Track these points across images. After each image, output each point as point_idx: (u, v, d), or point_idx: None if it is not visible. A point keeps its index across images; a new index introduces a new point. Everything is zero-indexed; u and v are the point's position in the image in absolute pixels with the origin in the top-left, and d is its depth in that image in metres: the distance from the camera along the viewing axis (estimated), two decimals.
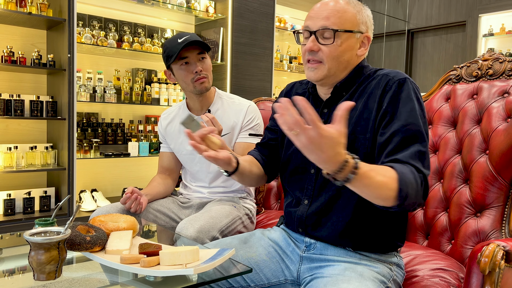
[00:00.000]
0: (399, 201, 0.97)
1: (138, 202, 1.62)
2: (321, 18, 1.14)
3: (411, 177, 0.99)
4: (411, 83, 1.12)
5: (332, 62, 1.15)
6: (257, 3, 3.89)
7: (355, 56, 1.18)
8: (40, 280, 0.97)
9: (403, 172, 0.99)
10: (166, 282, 1.01)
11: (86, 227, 1.16)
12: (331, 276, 1.09)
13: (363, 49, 1.19)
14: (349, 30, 1.14)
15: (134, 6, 3.53)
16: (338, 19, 1.13)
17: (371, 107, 1.12)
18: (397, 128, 1.06)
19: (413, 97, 1.10)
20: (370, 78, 1.18)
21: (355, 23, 1.15)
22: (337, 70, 1.17)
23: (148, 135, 3.51)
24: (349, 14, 1.15)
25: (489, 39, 5.37)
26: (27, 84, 3.14)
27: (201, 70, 1.69)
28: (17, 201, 2.94)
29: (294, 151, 1.25)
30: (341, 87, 1.19)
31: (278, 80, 4.64)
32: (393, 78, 1.12)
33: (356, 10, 1.17)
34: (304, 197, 1.23)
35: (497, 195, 1.36)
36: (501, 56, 1.48)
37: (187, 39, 1.65)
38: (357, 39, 1.17)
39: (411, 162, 1.02)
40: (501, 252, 1.03)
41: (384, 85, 1.12)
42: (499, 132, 1.37)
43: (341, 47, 1.14)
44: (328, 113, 1.20)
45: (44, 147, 3.04)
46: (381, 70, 1.19)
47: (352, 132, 1.13)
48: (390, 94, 1.10)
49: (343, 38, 1.14)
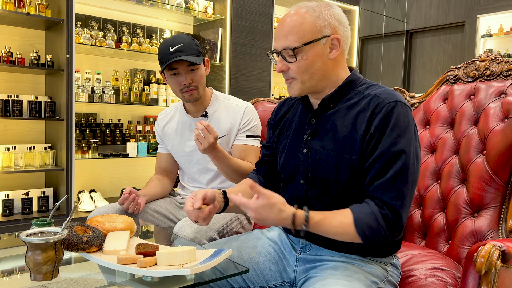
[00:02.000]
0: (365, 242, 1.05)
1: (136, 203, 1.62)
2: (282, 37, 1.13)
3: (368, 220, 1.03)
4: (402, 106, 1.08)
5: (304, 76, 1.14)
6: (256, 4, 3.89)
7: (328, 60, 1.14)
8: (37, 280, 0.97)
9: (359, 217, 1.04)
10: (163, 282, 1.02)
11: (83, 228, 1.16)
12: (322, 275, 1.10)
13: (335, 51, 1.14)
14: (309, 42, 1.11)
15: (133, 6, 3.53)
16: (296, 35, 1.11)
17: (359, 127, 1.10)
18: (379, 153, 1.06)
19: (401, 123, 1.07)
20: (361, 96, 1.14)
21: (315, 30, 1.11)
22: (312, 81, 1.15)
23: (146, 135, 3.51)
24: (306, 25, 1.11)
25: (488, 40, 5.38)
26: (26, 84, 3.14)
27: (190, 82, 1.65)
28: (15, 202, 2.94)
29: (284, 161, 1.26)
30: (329, 100, 1.17)
31: (277, 80, 4.65)
32: (383, 101, 1.09)
33: (314, 16, 1.12)
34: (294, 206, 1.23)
35: (494, 196, 1.36)
36: (498, 57, 1.48)
37: (177, 49, 1.61)
38: (324, 44, 1.12)
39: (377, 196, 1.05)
40: (497, 252, 1.04)
41: (374, 107, 1.09)
42: (496, 132, 1.37)
43: (307, 60, 1.12)
44: (316, 123, 1.19)
45: (42, 148, 3.04)
46: (373, 88, 1.15)
47: (338, 150, 1.12)
48: (379, 118, 1.07)
49: (306, 51, 1.11)
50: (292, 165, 1.22)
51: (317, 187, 1.16)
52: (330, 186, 1.14)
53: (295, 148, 1.23)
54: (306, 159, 1.18)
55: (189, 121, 1.79)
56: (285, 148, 1.26)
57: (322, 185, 1.15)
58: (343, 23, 1.16)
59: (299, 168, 1.20)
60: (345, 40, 1.16)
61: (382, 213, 1.03)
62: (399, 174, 1.04)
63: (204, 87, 1.73)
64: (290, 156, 1.24)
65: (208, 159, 1.71)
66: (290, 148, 1.24)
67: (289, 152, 1.24)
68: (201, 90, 1.71)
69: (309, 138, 1.19)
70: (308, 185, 1.18)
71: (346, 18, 1.18)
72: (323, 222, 1.04)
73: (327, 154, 1.14)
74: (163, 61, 1.64)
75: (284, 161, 1.25)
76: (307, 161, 1.18)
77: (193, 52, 1.64)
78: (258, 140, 1.78)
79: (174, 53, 1.60)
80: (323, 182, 1.14)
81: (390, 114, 1.07)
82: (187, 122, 1.80)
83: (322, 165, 1.14)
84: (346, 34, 1.17)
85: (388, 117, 1.07)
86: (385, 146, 1.06)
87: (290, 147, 1.24)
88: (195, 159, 1.78)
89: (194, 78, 1.67)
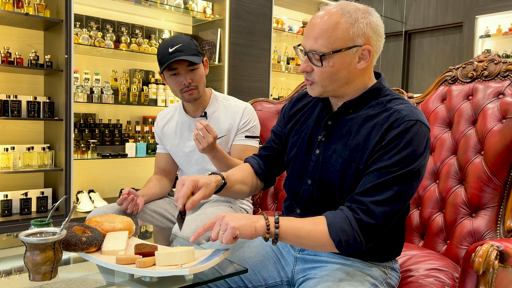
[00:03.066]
0: (339, 250, 1.03)
1: (135, 203, 1.62)
2: (312, 38, 1.08)
3: (342, 224, 1.01)
4: (421, 127, 1.04)
5: (325, 82, 1.10)
6: (255, 4, 3.90)
7: (355, 70, 1.10)
8: (36, 280, 0.97)
9: (332, 222, 1.02)
10: (162, 283, 1.02)
11: (82, 228, 1.16)
12: (321, 277, 1.10)
13: (364, 61, 1.09)
14: (339, 50, 1.06)
15: (132, 7, 3.53)
16: (327, 40, 1.06)
17: (373, 138, 1.07)
18: (383, 166, 1.03)
19: (415, 142, 1.03)
20: (382, 108, 1.10)
21: (347, 39, 1.06)
22: (334, 87, 1.11)
23: (145, 135, 3.51)
24: (339, 31, 1.05)
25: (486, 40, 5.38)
26: (24, 84, 3.14)
27: (190, 82, 1.66)
28: (14, 202, 2.94)
29: (294, 157, 1.25)
30: (350, 105, 1.14)
31: (276, 81, 4.65)
32: (403, 117, 1.04)
33: (350, 22, 1.06)
34: (297, 206, 1.22)
35: (492, 196, 1.37)
36: (496, 58, 1.49)
37: (176, 49, 1.61)
38: (354, 54, 1.08)
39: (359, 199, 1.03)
40: (495, 252, 1.04)
41: (392, 121, 1.05)
42: (494, 133, 1.38)
43: (333, 67, 1.07)
44: (332, 125, 1.17)
45: (41, 148, 3.04)
46: (396, 102, 1.10)
47: (348, 158, 1.10)
48: (395, 132, 1.04)
49: (334, 58, 1.07)
50: (301, 163, 1.22)
51: (322, 190, 1.15)
52: (334, 191, 1.13)
53: (307, 146, 1.21)
54: (318, 160, 1.17)
55: (188, 122, 1.79)
56: (297, 144, 1.25)
57: (327, 189, 1.14)
58: (378, 32, 1.10)
59: (309, 168, 1.19)
60: (377, 50, 1.12)
61: (356, 217, 1.02)
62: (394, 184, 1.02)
63: (204, 87, 1.73)
64: (301, 153, 1.22)
65: (207, 160, 1.72)
66: (302, 145, 1.23)
67: (300, 149, 1.23)
68: (201, 90, 1.71)
69: (323, 139, 1.17)
70: (314, 187, 1.17)
71: (382, 27, 1.12)
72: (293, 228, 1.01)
73: (336, 159, 1.12)
74: (162, 62, 1.64)
75: (294, 157, 1.24)
76: (318, 163, 1.17)
77: (193, 52, 1.64)
78: (257, 141, 1.78)
79: (173, 53, 1.61)
80: (328, 186, 1.14)
81: (407, 132, 1.03)
82: (186, 123, 1.80)
83: (330, 169, 1.13)
84: (379, 44, 1.12)
85: (404, 134, 1.03)
86: (392, 162, 1.03)
87: (303, 144, 1.23)
88: (194, 159, 1.78)
89: (194, 78, 1.67)
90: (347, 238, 1.01)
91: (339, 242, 1.01)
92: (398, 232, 1.18)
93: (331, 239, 1.01)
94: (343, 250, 1.02)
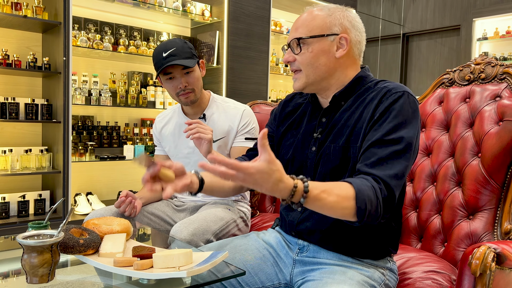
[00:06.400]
0: (359, 218, 0.99)
1: (133, 206, 1.62)
2: (293, 30, 1.19)
3: (370, 193, 0.99)
4: (409, 97, 1.10)
5: (308, 69, 1.17)
6: (253, 7, 3.91)
7: (334, 58, 1.16)
8: (33, 283, 0.97)
9: (361, 189, 0.99)
10: (159, 285, 1.02)
11: (80, 230, 1.16)
12: (320, 279, 1.10)
13: (342, 50, 1.16)
14: (316, 35, 1.15)
15: (130, 9, 3.54)
16: (306, 28, 1.16)
17: (365, 116, 1.12)
18: (379, 137, 1.06)
19: (405, 111, 1.08)
20: (370, 90, 1.17)
21: (325, 27, 1.15)
22: (316, 76, 1.17)
23: (143, 138, 3.51)
24: (317, 20, 1.16)
25: (483, 43, 5.41)
26: (22, 87, 3.14)
27: (186, 85, 1.67)
28: (11, 204, 2.93)
29: (291, 157, 1.26)
30: (340, 96, 1.19)
31: (274, 83, 4.66)
32: (391, 90, 1.11)
33: (327, 14, 1.16)
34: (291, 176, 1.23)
35: (489, 198, 1.37)
36: (493, 60, 1.49)
37: (170, 53, 1.61)
38: (331, 42, 1.15)
39: (373, 173, 1.03)
40: (492, 254, 1.04)
41: (381, 96, 1.11)
42: (491, 135, 1.38)
43: (312, 53, 1.15)
44: (326, 122, 1.21)
45: (39, 150, 3.03)
46: (382, 82, 1.17)
47: (346, 142, 1.13)
48: (385, 105, 1.09)
49: (312, 44, 1.15)
50: (299, 163, 1.23)
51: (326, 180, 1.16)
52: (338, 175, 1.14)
53: (303, 146, 1.24)
54: (314, 157, 1.19)
55: None
56: (293, 145, 1.27)
57: (331, 177, 1.15)
58: (355, 26, 1.18)
59: (307, 166, 1.21)
60: (356, 44, 1.19)
61: (380, 188, 1.01)
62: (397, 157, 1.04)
63: (200, 89, 1.73)
64: (297, 153, 1.24)
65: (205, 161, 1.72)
66: (297, 146, 1.25)
67: (296, 149, 1.25)
68: (198, 92, 1.71)
69: (319, 136, 1.20)
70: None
71: (362, 25, 1.21)
72: (321, 196, 0.95)
73: (334, 148, 1.15)
74: (157, 67, 1.65)
75: (291, 158, 1.26)
76: (315, 159, 1.19)
77: (186, 55, 1.65)
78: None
79: (167, 58, 1.61)
80: (331, 173, 1.15)
81: (396, 102, 1.08)
82: (185, 125, 1.80)
83: (330, 159, 1.15)
84: (357, 38, 1.19)
85: (393, 104, 1.08)
86: (386, 130, 1.06)
87: (298, 145, 1.25)
88: (192, 161, 1.78)
89: (189, 81, 1.67)
90: (370, 207, 0.99)
91: (363, 210, 0.98)
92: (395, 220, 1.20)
93: (355, 205, 0.98)
94: (362, 219, 0.99)
